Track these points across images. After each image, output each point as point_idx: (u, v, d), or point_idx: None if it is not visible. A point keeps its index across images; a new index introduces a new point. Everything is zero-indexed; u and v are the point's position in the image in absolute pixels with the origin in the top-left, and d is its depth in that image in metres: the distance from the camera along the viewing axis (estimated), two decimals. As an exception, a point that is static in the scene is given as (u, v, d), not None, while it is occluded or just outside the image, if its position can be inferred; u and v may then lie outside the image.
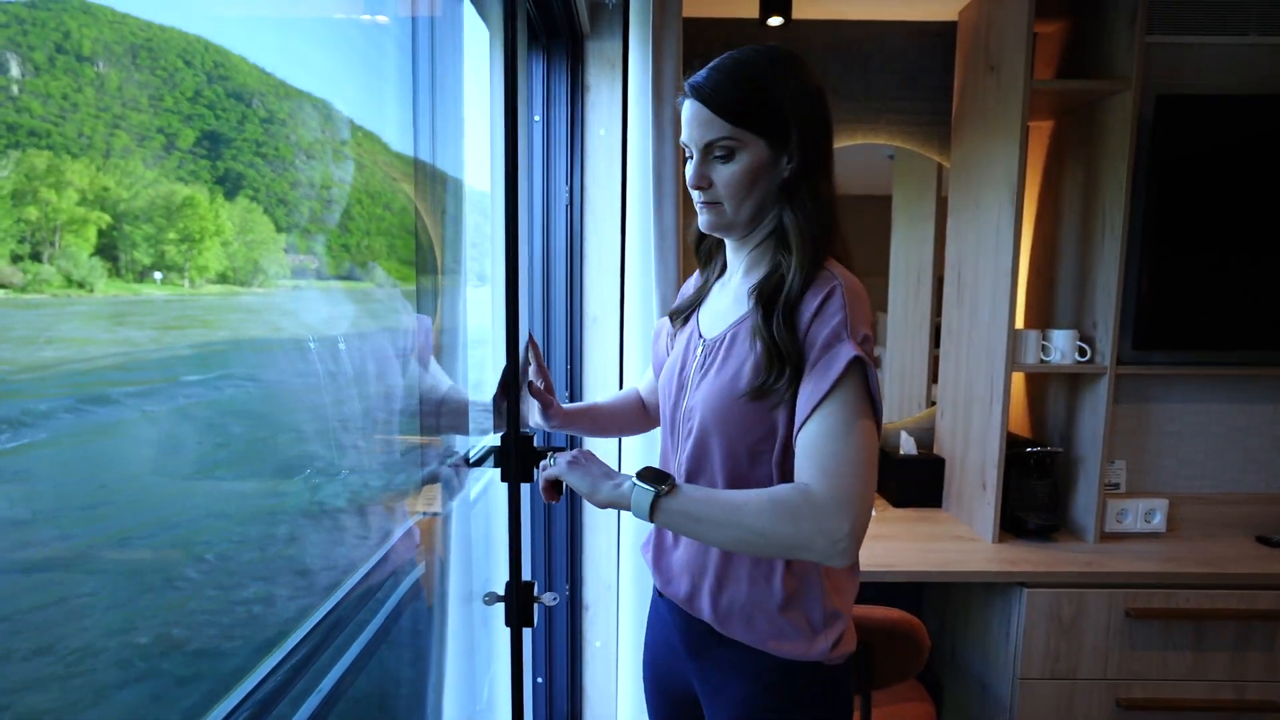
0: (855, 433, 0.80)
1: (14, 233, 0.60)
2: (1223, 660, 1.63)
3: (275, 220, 0.96)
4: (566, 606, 1.82)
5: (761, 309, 0.88)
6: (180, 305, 0.79)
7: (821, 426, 0.81)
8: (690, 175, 0.92)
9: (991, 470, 1.78)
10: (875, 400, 0.83)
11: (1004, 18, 1.76)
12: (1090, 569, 1.64)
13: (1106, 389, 1.73)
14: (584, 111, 1.70)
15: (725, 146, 0.88)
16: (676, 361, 1.03)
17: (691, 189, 0.93)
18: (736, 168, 0.88)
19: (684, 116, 0.91)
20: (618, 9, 1.67)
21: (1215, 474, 1.86)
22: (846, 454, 0.80)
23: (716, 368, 0.94)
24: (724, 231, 0.95)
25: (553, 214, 1.72)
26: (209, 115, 0.84)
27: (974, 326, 1.90)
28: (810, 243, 0.88)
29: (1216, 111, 1.71)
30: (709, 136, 0.88)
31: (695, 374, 0.97)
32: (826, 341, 0.83)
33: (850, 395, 0.81)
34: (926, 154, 2.14)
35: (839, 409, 0.81)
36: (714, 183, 0.90)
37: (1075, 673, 1.64)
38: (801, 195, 0.89)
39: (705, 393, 0.93)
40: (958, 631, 1.96)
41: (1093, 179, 1.78)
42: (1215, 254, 1.75)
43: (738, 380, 0.90)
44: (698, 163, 0.91)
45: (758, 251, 0.96)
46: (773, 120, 0.87)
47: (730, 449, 0.92)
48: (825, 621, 0.92)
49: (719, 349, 0.95)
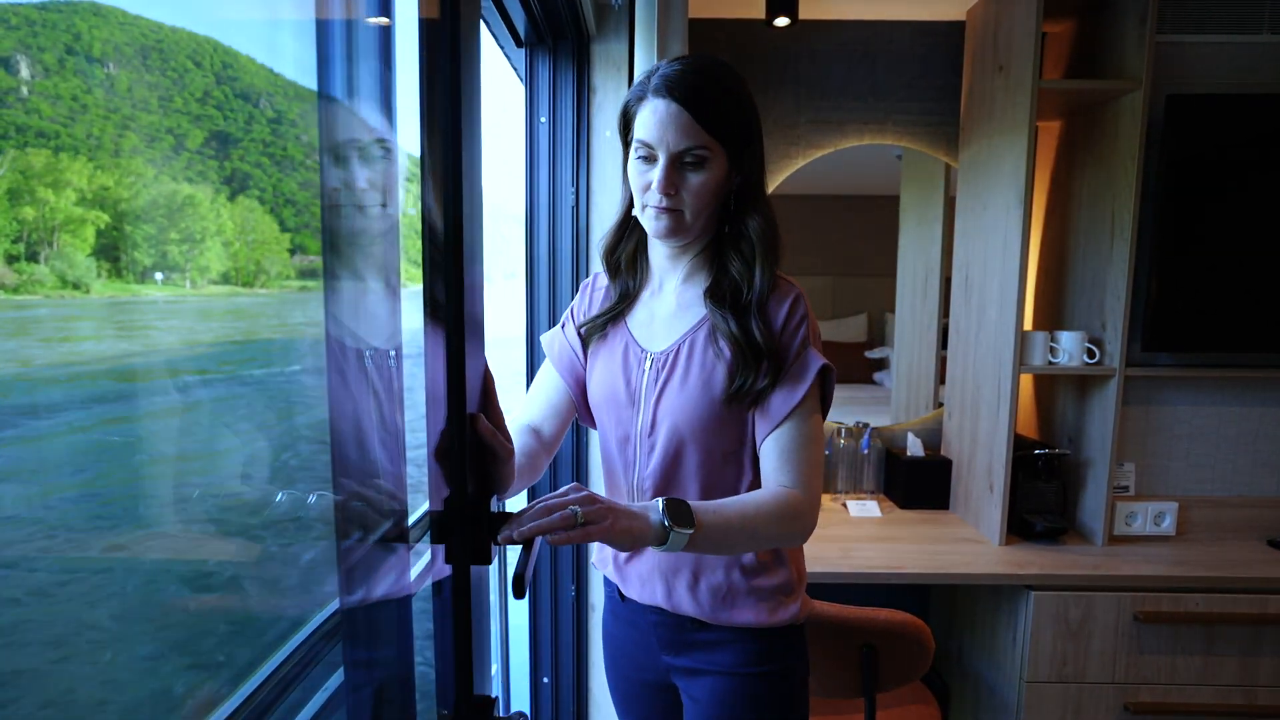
0: (817, 437, 0.92)
1: (9, 232, 0.59)
2: (1232, 665, 1.61)
3: (282, 220, 0.95)
4: (573, 606, 1.82)
5: (730, 313, 0.91)
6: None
7: (793, 433, 0.91)
8: (659, 180, 0.88)
9: (999, 472, 1.77)
10: (828, 403, 0.96)
11: (1012, 17, 1.75)
12: (1098, 572, 1.63)
13: (1115, 391, 1.72)
14: (590, 113, 1.70)
15: (699, 155, 0.87)
16: (616, 378, 1.00)
17: (657, 194, 0.89)
18: (706, 177, 0.88)
19: (654, 116, 0.87)
20: (623, 10, 1.67)
21: (1226, 477, 1.84)
22: (814, 458, 0.92)
23: (680, 378, 0.94)
24: (675, 238, 0.93)
25: (559, 215, 1.72)
26: (217, 116, 0.83)
27: (981, 328, 1.89)
28: (772, 249, 0.93)
29: (1228, 111, 1.70)
30: (685, 143, 0.87)
31: (649, 388, 0.97)
32: (797, 350, 0.92)
33: (813, 401, 0.92)
34: (934, 154, 2.13)
35: (806, 416, 0.91)
36: (680, 189, 0.89)
37: (1083, 676, 1.63)
38: (759, 204, 0.93)
39: (675, 405, 0.94)
40: (964, 633, 1.95)
41: (1102, 179, 1.77)
42: (1226, 255, 1.73)
43: (711, 387, 0.92)
44: (667, 168, 0.88)
45: (698, 259, 0.97)
46: (740, 134, 0.90)
47: (705, 456, 0.94)
48: (792, 588, 1.01)
49: (674, 359, 0.95)
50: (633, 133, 0.92)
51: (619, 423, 1.01)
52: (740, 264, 0.93)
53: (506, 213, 2.05)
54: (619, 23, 1.68)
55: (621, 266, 1.04)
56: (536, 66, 1.68)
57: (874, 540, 1.80)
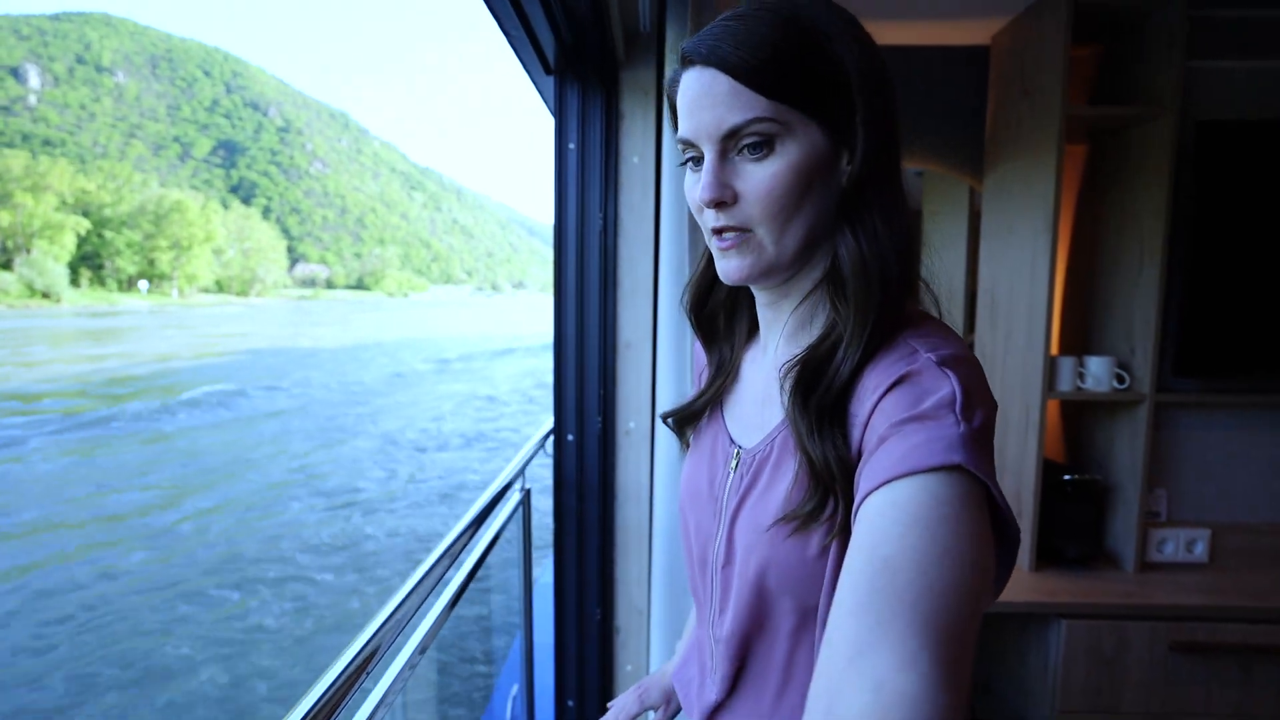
0: (960, 576, 0.42)
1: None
2: (1271, 697, 1.59)
3: (286, 228, 0.93)
4: (598, 630, 1.82)
5: (812, 404, 0.55)
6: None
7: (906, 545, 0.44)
8: (703, 186, 0.56)
9: (1028, 498, 1.76)
10: (1008, 525, 0.48)
11: (1039, 42, 1.75)
12: (1131, 600, 1.61)
13: (1146, 416, 1.71)
14: (619, 139, 1.71)
15: (760, 133, 0.54)
16: (701, 473, 0.70)
17: (704, 209, 0.58)
18: (779, 166, 0.55)
19: (688, 97, 0.57)
20: (652, 38, 1.69)
21: (1261, 503, 1.82)
22: (952, 612, 0.40)
23: (763, 490, 0.61)
24: (762, 278, 0.59)
25: (587, 240, 1.73)
26: (225, 125, 0.82)
27: (1009, 352, 1.88)
28: (880, 288, 0.55)
29: (1260, 138, 1.69)
30: (734, 119, 0.54)
31: (730, 496, 0.65)
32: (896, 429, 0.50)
33: (953, 507, 0.44)
34: (960, 179, 2.13)
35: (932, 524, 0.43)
36: (740, 195, 0.56)
37: (1118, 707, 1.61)
38: (869, 214, 0.57)
39: (752, 529, 0.61)
40: (993, 662, 1.93)
41: (1130, 205, 1.76)
42: (1256, 281, 1.72)
43: (782, 507, 0.58)
44: (714, 165, 0.56)
45: (806, 306, 0.62)
46: (834, 93, 0.55)
47: (796, 606, 0.59)
48: None
49: (763, 461, 0.62)
50: None
51: (699, 535, 0.69)
52: (838, 314, 0.57)
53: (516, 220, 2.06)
54: (648, 50, 1.70)
55: (719, 325, 0.72)
56: (566, 94, 1.69)
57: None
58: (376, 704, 0.99)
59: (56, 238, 16.68)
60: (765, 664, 0.62)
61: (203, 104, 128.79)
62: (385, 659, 0.98)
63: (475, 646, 3.23)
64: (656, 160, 1.71)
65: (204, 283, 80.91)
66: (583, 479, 1.78)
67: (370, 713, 0.96)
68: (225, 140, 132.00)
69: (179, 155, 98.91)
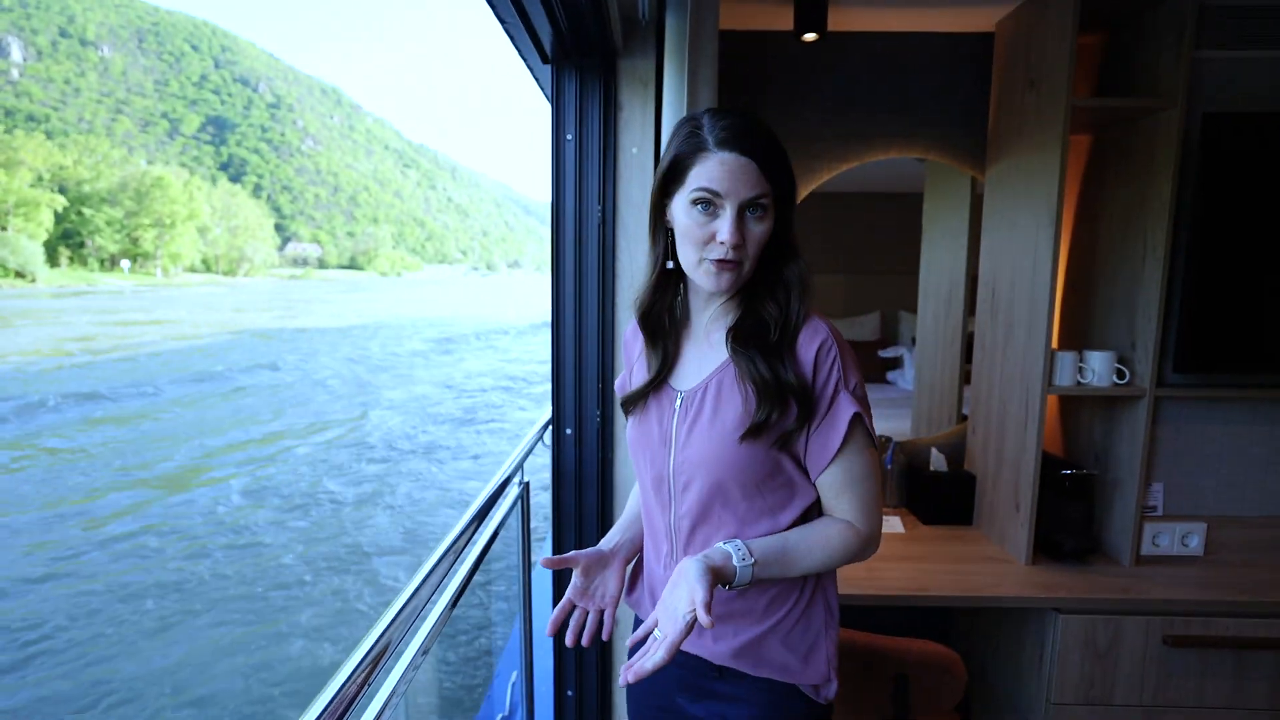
0: (871, 472, 0.96)
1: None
2: (1263, 689, 1.61)
3: (278, 206, 0.91)
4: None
5: (757, 353, 0.92)
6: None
7: (845, 472, 0.94)
8: (729, 231, 0.88)
9: (1026, 492, 1.76)
10: (873, 437, 0.97)
11: (1044, 30, 1.72)
12: (1126, 595, 1.62)
13: (1145, 412, 1.70)
14: (617, 130, 1.68)
15: (763, 205, 0.90)
16: (650, 420, 1.02)
17: (725, 245, 0.89)
18: (766, 226, 0.91)
19: (723, 168, 0.88)
20: (651, 26, 1.65)
21: (1256, 497, 1.83)
22: (872, 489, 0.96)
23: (709, 417, 0.95)
24: (734, 288, 0.94)
25: (585, 232, 1.71)
26: (214, 100, 0.79)
27: (1009, 345, 1.87)
28: (808, 293, 0.95)
29: (1268, 130, 1.66)
30: (753, 193, 0.88)
31: (679, 427, 0.98)
32: (831, 395, 0.93)
33: (859, 440, 0.94)
34: (961, 169, 2.11)
35: (856, 452, 0.94)
36: (744, 240, 0.90)
37: (1110, 699, 1.63)
38: (795, 249, 0.96)
39: (704, 443, 0.95)
40: (988, 654, 1.95)
41: (1133, 197, 1.74)
42: (1261, 276, 1.70)
43: (737, 424, 0.93)
44: (735, 219, 0.88)
45: (729, 303, 0.98)
46: (790, 184, 0.93)
47: (740, 491, 0.96)
48: (828, 659, 0.99)
49: (703, 397, 0.97)
50: (684, 183, 0.91)
51: (653, 463, 1.02)
52: (774, 308, 0.94)
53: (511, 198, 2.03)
54: (646, 39, 1.66)
55: (664, 324, 1.03)
56: (563, 84, 1.66)
57: (899, 559, 1.80)
58: (384, 702, 0.99)
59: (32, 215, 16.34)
60: (714, 525, 0.98)
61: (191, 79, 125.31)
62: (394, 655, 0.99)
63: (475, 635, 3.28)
64: (655, 152, 1.68)
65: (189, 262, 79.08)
66: (581, 472, 1.78)
67: (379, 710, 0.97)
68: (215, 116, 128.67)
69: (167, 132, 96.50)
